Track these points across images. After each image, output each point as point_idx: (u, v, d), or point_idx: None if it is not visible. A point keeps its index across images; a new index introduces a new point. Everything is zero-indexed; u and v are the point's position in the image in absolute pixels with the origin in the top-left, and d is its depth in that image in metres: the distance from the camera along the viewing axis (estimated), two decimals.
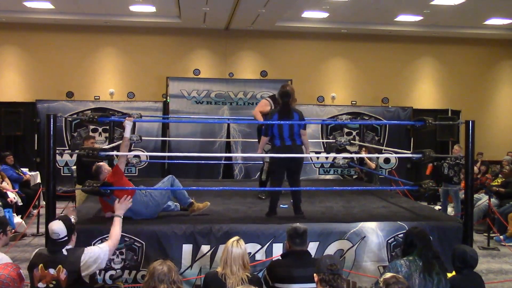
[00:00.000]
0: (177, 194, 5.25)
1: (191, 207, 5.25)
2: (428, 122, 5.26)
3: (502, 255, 7.34)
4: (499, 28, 12.41)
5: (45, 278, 3.44)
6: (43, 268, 3.46)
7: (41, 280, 3.45)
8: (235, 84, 11.77)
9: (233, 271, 3.49)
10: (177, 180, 5.27)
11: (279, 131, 5.34)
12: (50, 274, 3.43)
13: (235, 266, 3.50)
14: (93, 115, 5.09)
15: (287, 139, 5.32)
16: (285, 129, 5.31)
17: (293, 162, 5.33)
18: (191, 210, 5.25)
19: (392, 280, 2.83)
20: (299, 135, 5.37)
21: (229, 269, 3.50)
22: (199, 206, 5.27)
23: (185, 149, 10.94)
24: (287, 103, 5.42)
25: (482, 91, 13.60)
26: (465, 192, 5.27)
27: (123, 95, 12.06)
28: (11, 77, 12.31)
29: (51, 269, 3.45)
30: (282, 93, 5.49)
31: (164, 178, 5.33)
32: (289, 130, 5.31)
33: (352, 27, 12.35)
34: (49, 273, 3.44)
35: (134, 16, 11.64)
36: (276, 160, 5.40)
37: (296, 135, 5.34)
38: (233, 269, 3.49)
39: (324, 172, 11.78)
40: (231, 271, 3.49)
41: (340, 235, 4.86)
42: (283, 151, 5.29)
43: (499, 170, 10.11)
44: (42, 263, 3.48)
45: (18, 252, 7.00)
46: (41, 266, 3.47)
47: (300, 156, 5.41)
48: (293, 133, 5.33)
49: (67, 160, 10.78)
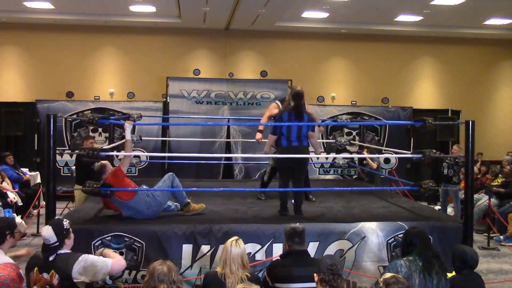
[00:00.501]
0: (176, 193, 5.28)
1: (187, 207, 5.28)
2: (428, 122, 5.27)
3: (502, 255, 7.34)
4: (499, 28, 12.41)
5: (39, 281, 3.42)
6: (37, 271, 3.44)
7: (36, 283, 3.43)
8: (235, 84, 11.77)
9: (232, 271, 3.51)
10: (177, 178, 5.30)
11: (287, 132, 5.38)
12: (44, 279, 3.41)
13: (234, 265, 3.53)
14: (93, 117, 5.08)
15: (294, 140, 5.38)
16: (294, 130, 5.35)
17: (297, 163, 5.37)
18: (186, 210, 5.28)
19: (392, 280, 2.83)
20: (307, 136, 5.42)
21: (228, 268, 3.53)
22: (194, 207, 5.31)
23: (185, 149, 10.94)
24: (300, 104, 5.42)
25: (482, 91, 13.60)
26: (465, 192, 5.27)
27: (123, 95, 12.07)
28: (11, 77, 12.31)
29: (45, 273, 3.42)
30: (295, 93, 5.47)
31: (165, 176, 5.34)
32: (297, 132, 5.36)
33: (352, 27, 12.35)
34: (43, 278, 3.41)
35: (134, 16, 11.64)
36: (282, 160, 5.45)
37: (303, 136, 5.39)
38: (232, 269, 3.52)
39: (324, 172, 11.78)
40: (230, 271, 3.52)
41: (340, 235, 4.87)
42: (288, 152, 5.33)
43: (499, 170, 10.11)
44: (37, 267, 3.46)
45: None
46: (36, 269, 3.45)
47: (302, 156, 5.43)
48: (301, 134, 5.37)
49: (67, 160, 10.78)
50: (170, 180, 5.23)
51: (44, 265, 3.44)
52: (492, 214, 8.23)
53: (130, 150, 5.13)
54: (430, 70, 13.52)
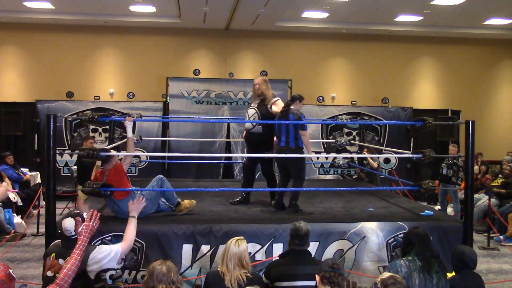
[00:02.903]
0: (166, 195, 5.24)
1: (178, 207, 5.24)
2: (428, 122, 5.27)
3: (502, 255, 7.34)
4: (499, 28, 12.41)
5: (54, 267, 3.55)
6: (54, 257, 3.59)
7: (50, 269, 3.57)
8: (235, 84, 11.76)
9: (229, 269, 3.54)
10: (166, 180, 5.26)
11: (278, 132, 5.58)
12: (59, 264, 3.52)
13: (230, 263, 3.55)
14: (93, 115, 5.06)
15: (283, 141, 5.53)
16: (282, 130, 5.53)
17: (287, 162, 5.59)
18: (177, 210, 5.24)
19: (390, 280, 2.83)
20: (294, 137, 5.48)
21: (225, 266, 3.56)
22: (185, 205, 5.26)
23: (185, 149, 10.94)
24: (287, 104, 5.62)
25: (482, 91, 13.61)
26: (465, 192, 5.27)
27: (123, 95, 12.07)
28: (11, 77, 12.32)
29: (61, 259, 3.54)
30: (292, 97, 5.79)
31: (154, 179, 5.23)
32: (285, 132, 5.50)
33: (352, 27, 12.35)
34: (58, 263, 3.54)
35: (134, 16, 11.64)
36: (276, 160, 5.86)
37: (291, 136, 5.47)
38: (229, 267, 3.54)
39: (324, 172, 11.78)
40: (227, 269, 3.55)
41: (340, 235, 4.86)
42: (277, 152, 5.60)
43: (499, 170, 10.10)
44: (54, 253, 3.62)
45: (18, 252, 7.00)
46: (53, 255, 3.61)
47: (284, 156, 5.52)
48: (288, 135, 5.48)
49: (67, 160, 10.78)
50: (158, 185, 5.16)
51: (61, 252, 3.59)
52: (492, 214, 8.23)
53: (132, 148, 5.08)
54: (430, 70, 13.53)
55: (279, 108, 5.74)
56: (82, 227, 3.56)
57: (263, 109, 5.84)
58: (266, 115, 5.79)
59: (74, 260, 3.37)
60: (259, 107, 5.87)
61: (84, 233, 3.52)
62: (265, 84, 5.93)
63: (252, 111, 5.90)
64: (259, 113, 5.83)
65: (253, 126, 5.83)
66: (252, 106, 5.96)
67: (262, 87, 5.91)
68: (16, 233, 7.75)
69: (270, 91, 5.94)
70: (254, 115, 5.84)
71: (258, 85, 5.93)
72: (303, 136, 5.50)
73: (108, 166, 4.85)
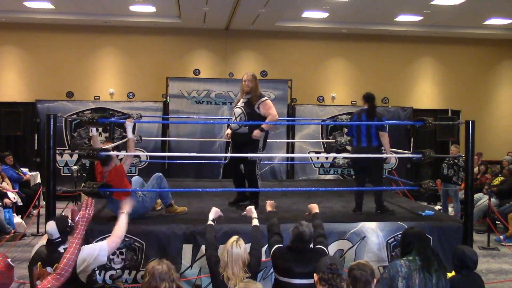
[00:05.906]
0: (162, 193, 5.26)
1: (169, 208, 5.28)
2: (428, 122, 5.28)
3: (502, 255, 7.34)
4: (499, 28, 12.41)
5: (42, 276, 3.44)
6: (41, 266, 3.48)
7: (39, 278, 3.45)
8: (235, 84, 11.72)
9: (235, 273, 3.46)
10: (165, 179, 5.30)
11: (357, 133, 5.82)
12: (47, 273, 3.43)
13: (236, 267, 3.48)
14: (93, 116, 5.06)
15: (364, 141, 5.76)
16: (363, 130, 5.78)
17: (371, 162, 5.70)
18: (167, 210, 5.29)
19: (354, 266, 3.05)
20: (367, 136, 5.74)
21: (230, 270, 3.47)
22: (176, 209, 5.32)
23: (185, 149, 10.92)
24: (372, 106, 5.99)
25: (482, 91, 13.61)
26: (465, 192, 5.27)
27: (123, 95, 12.06)
28: (11, 77, 12.32)
29: (49, 267, 3.45)
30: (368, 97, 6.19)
31: (153, 177, 5.24)
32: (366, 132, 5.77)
33: (352, 27, 12.35)
34: (47, 272, 3.44)
35: (134, 16, 11.64)
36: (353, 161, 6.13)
37: (373, 136, 5.73)
38: (234, 271, 3.46)
39: (324, 172, 11.77)
40: (232, 273, 3.46)
41: (340, 235, 4.87)
42: (357, 153, 5.79)
43: (499, 170, 10.09)
44: (40, 261, 3.49)
45: (18, 252, 7.00)
46: (39, 264, 3.49)
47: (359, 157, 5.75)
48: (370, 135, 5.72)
49: (67, 160, 10.79)
50: (158, 183, 5.18)
51: (47, 260, 3.48)
52: (492, 214, 8.23)
53: (133, 149, 5.10)
54: (430, 70, 13.53)
55: (266, 110, 5.47)
56: (79, 216, 3.49)
57: (250, 109, 5.52)
58: (253, 115, 5.49)
59: (73, 249, 3.32)
60: (246, 106, 5.55)
61: (81, 222, 3.46)
62: (254, 81, 5.59)
63: (238, 111, 5.59)
64: (245, 112, 5.52)
65: (239, 126, 5.54)
66: (238, 105, 5.65)
67: (251, 84, 5.55)
68: (16, 233, 7.75)
69: (258, 90, 5.62)
70: (241, 115, 5.54)
71: (247, 81, 5.57)
72: (383, 137, 5.68)
73: (108, 168, 4.86)
